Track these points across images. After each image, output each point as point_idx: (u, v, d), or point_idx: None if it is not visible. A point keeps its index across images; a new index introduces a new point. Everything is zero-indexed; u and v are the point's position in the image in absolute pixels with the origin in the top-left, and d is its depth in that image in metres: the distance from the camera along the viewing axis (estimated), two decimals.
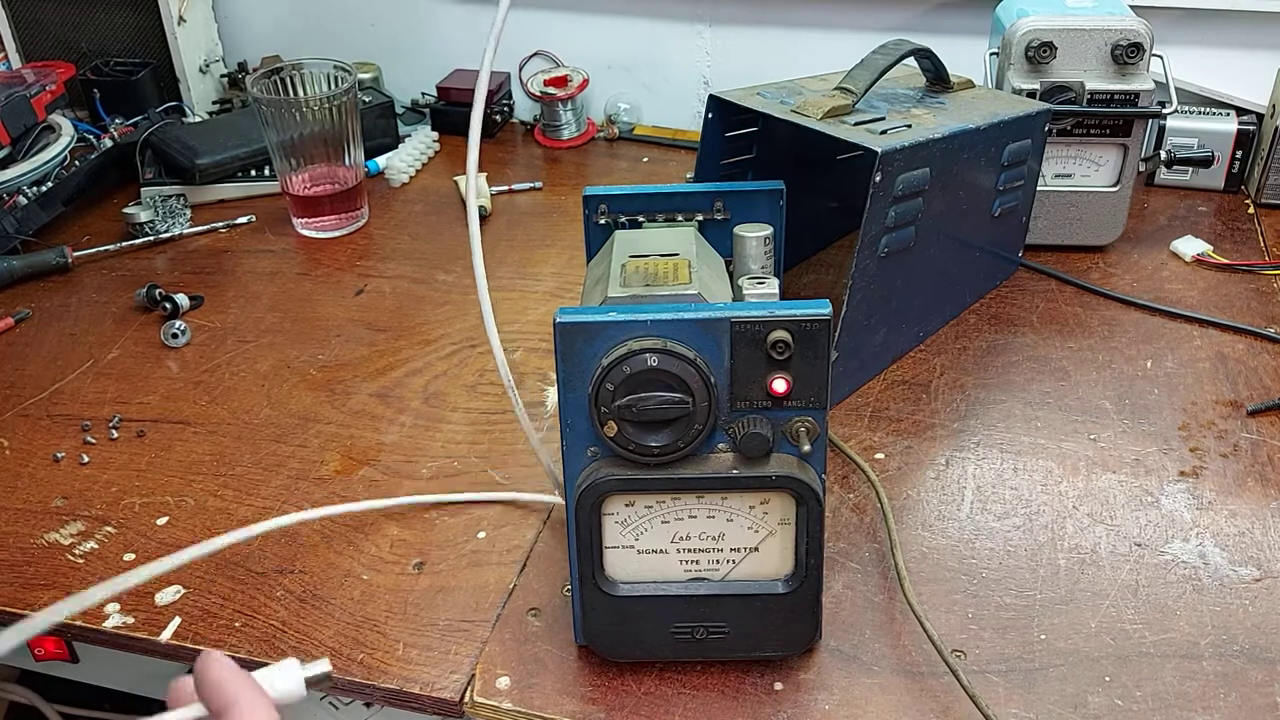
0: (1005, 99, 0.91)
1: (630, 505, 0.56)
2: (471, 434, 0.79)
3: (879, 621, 0.63)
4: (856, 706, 0.58)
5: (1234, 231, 1.03)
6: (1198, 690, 0.59)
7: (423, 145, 1.20)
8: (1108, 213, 0.98)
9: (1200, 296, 0.93)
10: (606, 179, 1.18)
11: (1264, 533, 0.69)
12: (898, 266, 0.80)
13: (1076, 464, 0.75)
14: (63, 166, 1.08)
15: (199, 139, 1.13)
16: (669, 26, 1.25)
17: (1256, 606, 0.64)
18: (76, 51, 1.26)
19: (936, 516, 0.71)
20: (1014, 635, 0.62)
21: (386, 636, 0.63)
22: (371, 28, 1.32)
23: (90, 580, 0.67)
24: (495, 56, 0.54)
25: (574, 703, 0.59)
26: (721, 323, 0.52)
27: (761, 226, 0.70)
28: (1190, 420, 0.79)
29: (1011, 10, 0.97)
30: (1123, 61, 0.92)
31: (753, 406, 0.53)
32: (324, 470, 0.76)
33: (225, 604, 0.65)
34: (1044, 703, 0.58)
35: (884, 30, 1.15)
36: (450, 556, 0.68)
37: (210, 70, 1.31)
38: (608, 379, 0.51)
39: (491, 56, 0.55)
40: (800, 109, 0.80)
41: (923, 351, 0.87)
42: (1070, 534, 0.69)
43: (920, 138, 0.77)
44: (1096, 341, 0.88)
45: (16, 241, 1.02)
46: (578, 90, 1.22)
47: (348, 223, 1.07)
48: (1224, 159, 1.08)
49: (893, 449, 0.77)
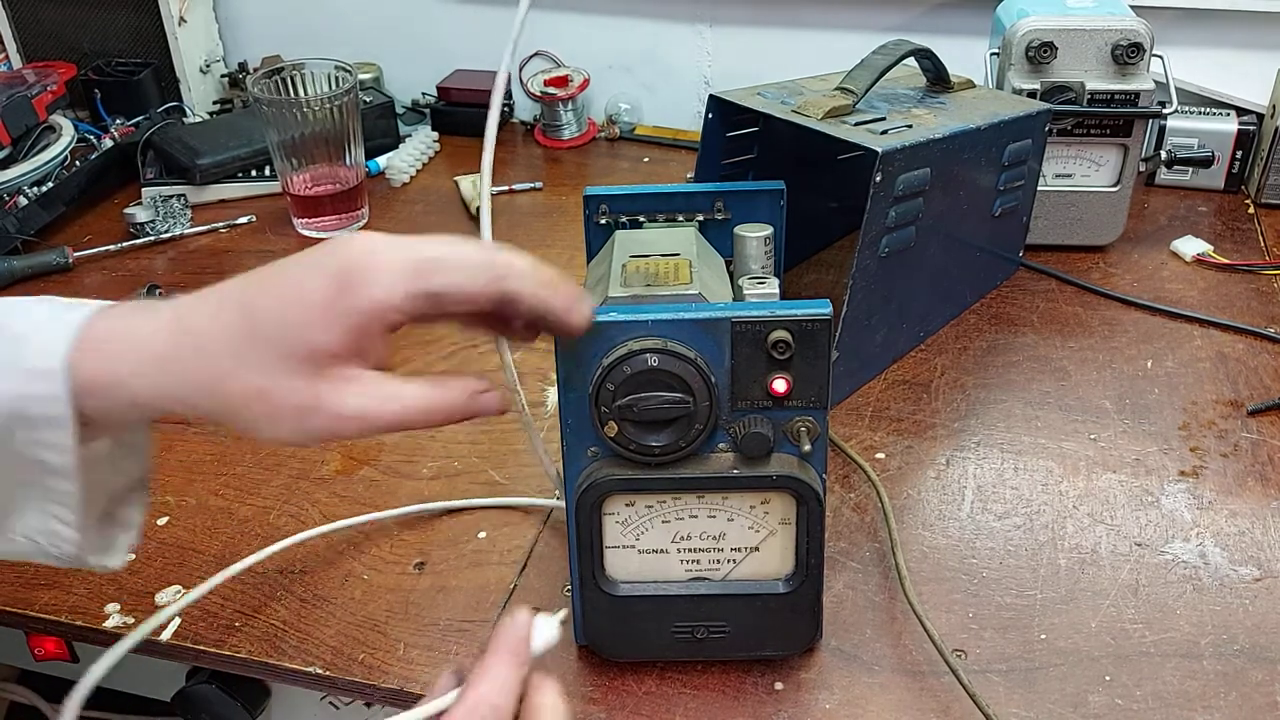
0: (1006, 99, 0.91)
1: (631, 505, 0.56)
2: (472, 434, 0.79)
3: (880, 621, 0.63)
4: (857, 706, 0.58)
5: (1234, 231, 1.03)
6: (1198, 690, 0.59)
7: (423, 145, 1.20)
8: (1108, 213, 0.98)
9: (1200, 296, 0.93)
10: (607, 179, 1.18)
11: (1264, 532, 0.69)
12: (898, 266, 0.80)
13: (1077, 464, 0.75)
14: (64, 167, 1.09)
15: (200, 139, 1.13)
16: (670, 27, 1.25)
17: (1257, 606, 0.64)
18: (77, 52, 1.26)
19: (937, 516, 0.71)
20: (1014, 635, 0.62)
21: (387, 636, 0.63)
22: (372, 28, 1.32)
23: (90, 580, 0.67)
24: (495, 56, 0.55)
25: (574, 703, 0.58)
26: (722, 323, 0.52)
27: (762, 226, 0.70)
28: (1190, 420, 0.79)
29: (1012, 10, 0.97)
30: (1123, 61, 0.92)
31: (753, 406, 0.53)
32: (324, 470, 0.76)
33: (225, 604, 0.65)
34: (1044, 702, 0.58)
35: (884, 30, 1.15)
36: (451, 556, 0.68)
37: (211, 70, 1.31)
38: (608, 379, 0.51)
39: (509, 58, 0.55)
40: (801, 109, 0.80)
41: (923, 351, 0.87)
42: (1071, 534, 0.69)
43: (921, 138, 0.77)
44: (1097, 341, 0.88)
45: (17, 241, 1.02)
46: (578, 90, 1.22)
47: (348, 223, 1.07)
48: (1224, 159, 1.08)
49: (893, 449, 0.77)
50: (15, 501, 0.45)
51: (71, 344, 0.42)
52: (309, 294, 0.42)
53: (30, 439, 0.43)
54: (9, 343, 0.43)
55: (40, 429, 0.43)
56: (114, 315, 0.44)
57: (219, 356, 0.43)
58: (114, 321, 0.44)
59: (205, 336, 0.43)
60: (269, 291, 0.43)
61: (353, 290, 0.42)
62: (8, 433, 0.42)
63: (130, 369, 0.43)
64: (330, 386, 0.43)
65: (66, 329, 0.43)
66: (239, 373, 0.42)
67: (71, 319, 0.43)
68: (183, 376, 0.43)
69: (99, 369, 0.43)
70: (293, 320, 0.42)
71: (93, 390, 0.43)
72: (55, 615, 0.64)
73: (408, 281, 0.42)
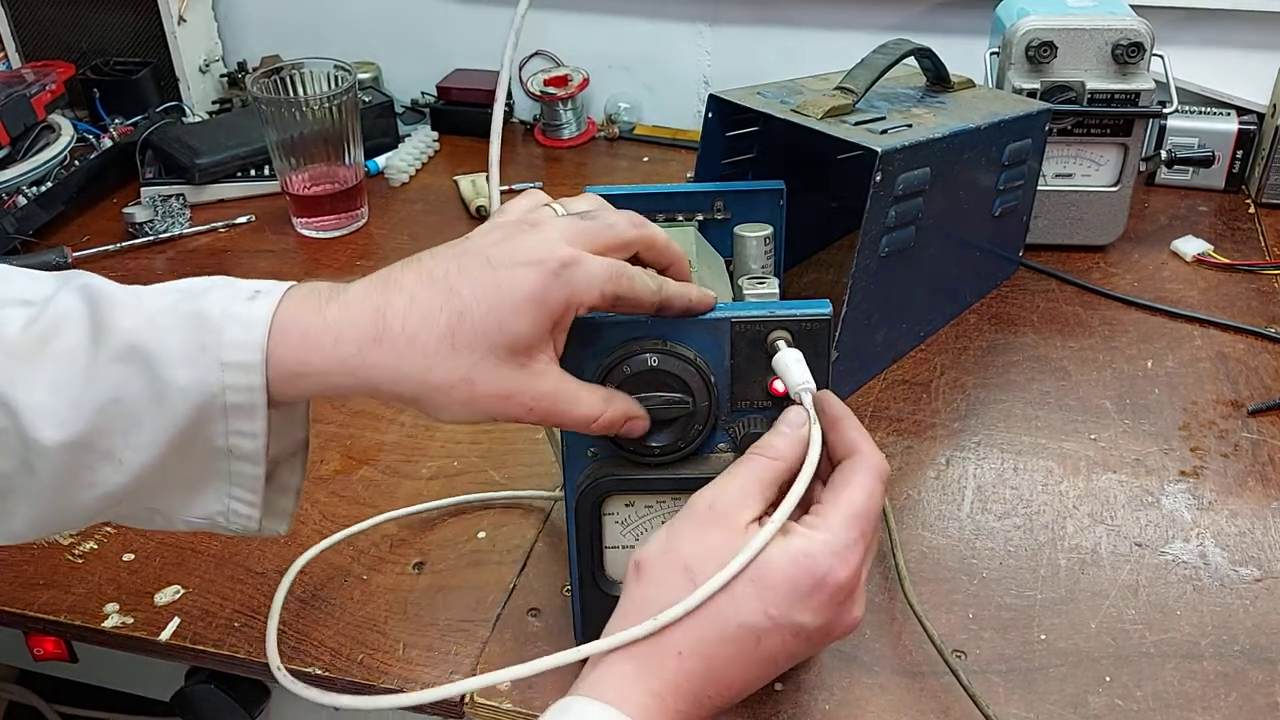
0: (1006, 98, 0.91)
1: (630, 505, 0.56)
2: (471, 433, 0.78)
3: (879, 621, 0.63)
4: (856, 707, 0.58)
5: (1234, 231, 1.03)
6: (1198, 690, 0.59)
7: (422, 145, 1.20)
8: (1108, 212, 0.98)
9: (1201, 296, 0.93)
10: (607, 179, 1.18)
11: (1264, 532, 0.69)
12: (898, 266, 0.80)
13: (1077, 464, 0.75)
14: (62, 166, 1.08)
15: (199, 139, 1.13)
16: (669, 26, 1.24)
17: (1257, 606, 0.64)
18: (76, 51, 1.26)
19: (937, 516, 0.71)
20: (1014, 635, 0.62)
21: (387, 636, 0.63)
22: (371, 27, 1.32)
23: (89, 580, 0.66)
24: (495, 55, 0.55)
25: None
26: (722, 323, 0.52)
27: (762, 226, 0.70)
28: (1191, 420, 0.79)
29: (1012, 10, 0.97)
30: (1123, 61, 0.92)
31: (753, 406, 0.53)
32: (324, 470, 0.75)
33: (225, 604, 0.65)
34: (1044, 703, 0.58)
35: (884, 30, 1.15)
36: (450, 556, 0.68)
37: (210, 70, 1.31)
38: (608, 379, 0.51)
39: (512, 53, 0.55)
40: (800, 109, 0.80)
41: (923, 351, 0.87)
42: (1071, 534, 0.69)
43: (921, 137, 0.77)
44: (1097, 341, 0.88)
45: (16, 241, 1.02)
46: (578, 90, 1.22)
47: (347, 222, 1.07)
48: (1224, 159, 1.08)
49: (893, 449, 0.77)
50: (197, 485, 0.47)
51: (268, 336, 0.44)
52: (519, 290, 0.45)
53: (222, 428, 0.45)
54: (202, 330, 0.44)
55: (233, 418, 0.45)
56: (306, 307, 0.46)
57: (430, 355, 0.45)
58: (308, 315, 0.45)
59: (419, 338, 0.45)
60: (481, 294, 0.45)
61: (560, 288, 0.46)
62: (199, 421, 0.44)
63: (324, 362, 0.45)
64: (527, 375, 0.47)
65: (262, 321, 0.44)
66: (447, 365, 0.45)
67: (263, 310, 0.45)
68: (386, 372, 0.45)
69: (293, 360, 0.45)
70: (504, 316, 0.45)
71: (285, 379, 0.45)
72: (54, 615, 0.64)
73: (604, 284, 0.47)
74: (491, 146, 0.56)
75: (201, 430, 0.45)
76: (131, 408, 0.44)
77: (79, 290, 0.46)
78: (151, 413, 0.44)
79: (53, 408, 0.43)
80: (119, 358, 0.44)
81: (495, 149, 0.57)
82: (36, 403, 0.43)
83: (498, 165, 0.58)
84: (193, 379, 0.44)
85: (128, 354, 0.44)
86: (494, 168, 0.58)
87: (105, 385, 0.44)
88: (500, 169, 0.58)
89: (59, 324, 0.45)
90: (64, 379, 0.44)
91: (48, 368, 0.44)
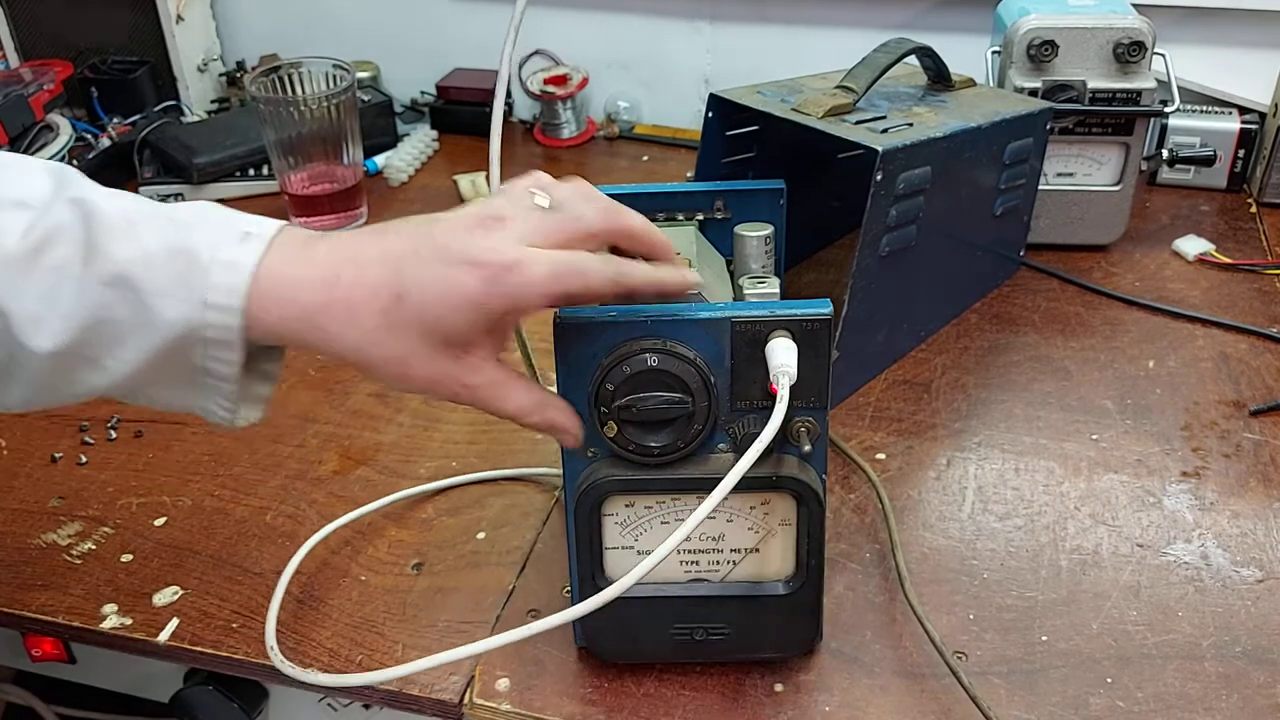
0: (1007, 97, 0.91)
1: (630, 506, 0.55)
2: (470, 433, 0.78)
3: (880, 623, 0.63)
4: (857, 708, 0.58)
5: (1236, 231, 1.03)
6: (1199, 691, 0.58)
7: (422, 144, 1.20)
8: (1110, 212, 0.98)
9: (1203, 296, 0.93)
10: (606, 178, 1.18)
11: (1266, 533, 0.69)
12: (899, 265, 0.80)
13: (1078, 464, 0.75)
14: None
15: (197, 138, 1.13)
16: (669, 24, 1.24)
17: (1259, 607, 0.63)
18: (74, 50, 1.25)
19: (938, 517, 0.70)
20: (1015, 636, 0.62)
21: (385, 637, 0.62)
22: (370, 26, 1.32)
23: (87, 581, 0.66)
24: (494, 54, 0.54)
25: (573, 704, 0.58)
26: (722, 322, 0.51)
27: (762, 226, 0.70)
28: (1193, 420, 0.78)
29: (1013, 8, 0.97)
30: (1125, 60, 0.92)
31: (753, 406, 0.53)
32: (322, 470, 0.75)
33: (223, 605, 0.65)
34: (1045, 704, 0.58)
35: (885, 28, 1.15)
36: (449, 557, 0.68)
37: (208, 69, 1.31)
38: (607, 379, 0.51)
39: (511, 52, 0.55)
40: (801, 107, 0.80)
41: (924, 351, 0.87)
42: (1072, 535, 0.69)
43: (921, 136, 0.77)
44: (1098, 341, 0.87)
45: None
46: (577, 89, 1.22)
47: (346, 222, 1.07)
48: (1226, 158, 1.08)
49: (894, 449, 0.76)
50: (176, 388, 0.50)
51: (248, 287, 0.47)
52: (457, 290, 0.47)
53: (201, 352, 0.48)
54: (190, 268, 0.47)
55: (212, 348, 0.48)
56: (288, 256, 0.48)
57: (369, 330, 0.48)
58: (282, 267, 0.48)
59: (358, 312, 0.48)
60: (423, 284, 0.47)
61: (499, 293, 0.47)
62: (180, 347, 0.48)
63: (284, 314, 0.48)
64: (460, 366, 0.49)
65: (247, 268, 0.47)
66: (384, 341, 0.48)
67: (250, 258, 0.47)
68: (328, 335, 0.48)
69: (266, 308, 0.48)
70: (441, 312, 0.47)
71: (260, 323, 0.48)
72: (52, 616, 0.64)
73: (547, 285, 0.47)
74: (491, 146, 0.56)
75: (182, 351, 0.48)
76: (117, 328, 0.47)
77: (74, 204, 0.48)
78: (136, 334, 0.47)
79: (44, 318, 0.46)
80: (109, 282, 0.47)
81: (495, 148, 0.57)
82: (28, 310, 0.46)
83: (498, 165, 0.58)
84: (178, 314, 0.47)
85: (117, 281, 0.47)
86: (494, 167, 0.58)
87: (94, 305, 0.47)
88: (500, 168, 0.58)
89: (52, 236, 0.47)
90: (55, 292, 0.46)
91: (40, 279, 0.46)
